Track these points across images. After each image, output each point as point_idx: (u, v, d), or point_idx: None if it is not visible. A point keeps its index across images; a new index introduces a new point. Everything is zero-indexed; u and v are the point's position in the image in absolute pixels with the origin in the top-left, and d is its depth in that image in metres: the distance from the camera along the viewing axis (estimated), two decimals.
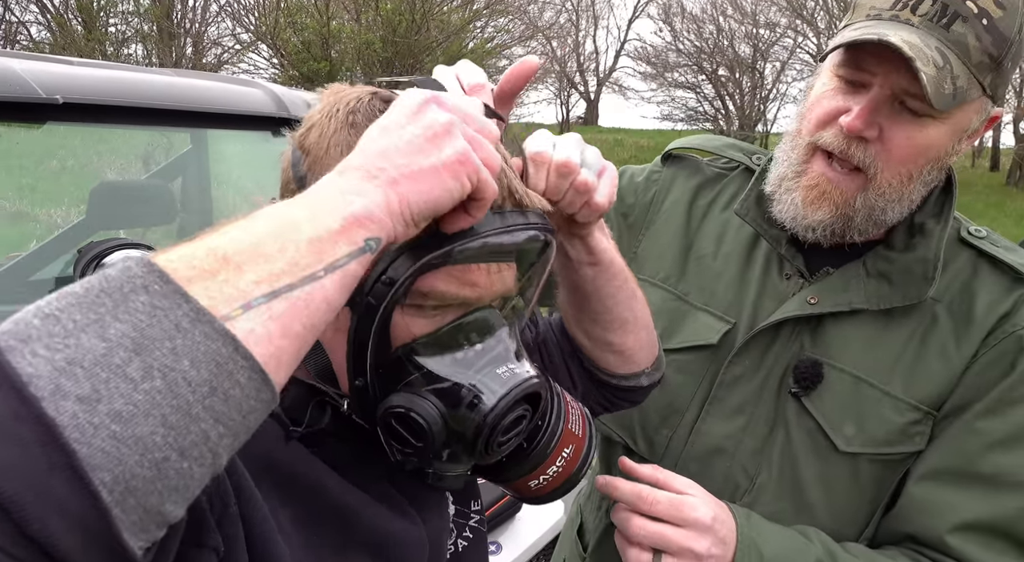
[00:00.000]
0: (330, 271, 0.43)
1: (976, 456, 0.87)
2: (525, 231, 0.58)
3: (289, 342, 0.41)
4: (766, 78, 21.13)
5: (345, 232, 0.44)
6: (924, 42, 0.80)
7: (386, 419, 0.56)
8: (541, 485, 0.72)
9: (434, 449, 0.56)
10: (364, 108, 0.58)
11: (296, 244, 0.42)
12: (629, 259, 1.12)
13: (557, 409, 0.72)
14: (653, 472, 0.88)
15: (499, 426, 0.56)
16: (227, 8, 15.98)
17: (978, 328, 0.90)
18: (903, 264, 0.92)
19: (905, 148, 0.86)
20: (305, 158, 0.58)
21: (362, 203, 0.46)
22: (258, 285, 0.40)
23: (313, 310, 0.42)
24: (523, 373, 0.58)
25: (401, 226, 0.48)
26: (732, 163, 1.12)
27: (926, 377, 0.91)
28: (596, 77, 29.61)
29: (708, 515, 0.84)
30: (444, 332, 0.58)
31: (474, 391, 0.56)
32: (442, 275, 0.56)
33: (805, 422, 0.94)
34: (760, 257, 1.02)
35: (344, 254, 0.44)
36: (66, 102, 1.47)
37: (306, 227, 0.43)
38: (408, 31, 13.06)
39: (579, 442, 0.74)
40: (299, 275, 0.42)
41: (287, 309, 0.41)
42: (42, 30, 16.11)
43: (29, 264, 2.18)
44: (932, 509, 0.88)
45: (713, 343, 1.00)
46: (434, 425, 0.55)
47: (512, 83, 0.71)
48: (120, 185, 2.53)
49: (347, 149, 0.55)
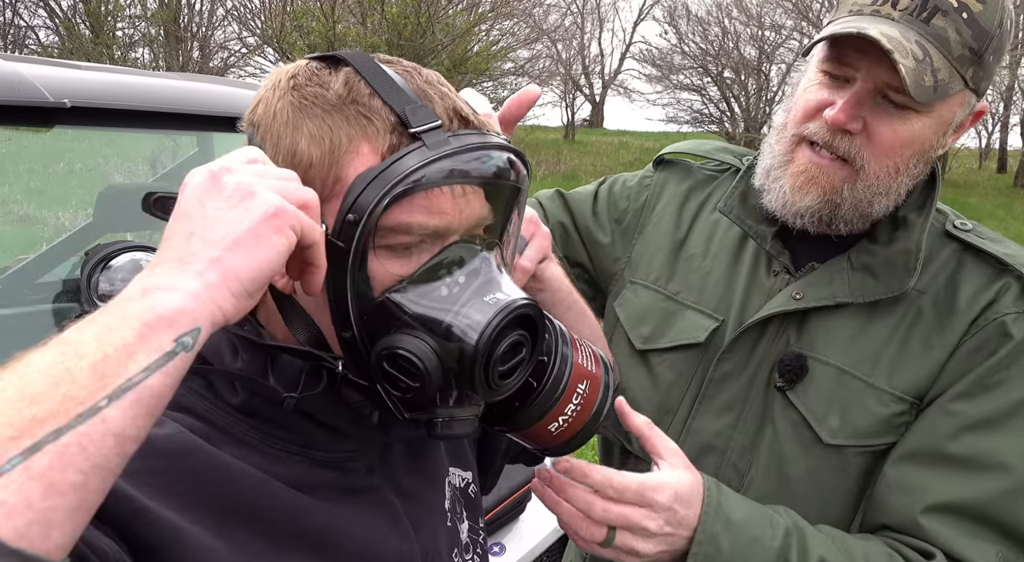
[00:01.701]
0: (117, 397, 0.39)
1: (950, 438, 0.88)
2: (481, 149, 0.57)
3: (60, 498, 0.36)
4: (772, 80, 21.09)
5: (144, 340, 0.41)
6: (904, 35, 0.82)
7: (379, 364, 0.55)
8: (561, 428, 0.69)
9: (433, 388, 0.55)
10: (303, 70, 0.59)
11: (73, 374, 0.38)
12: (623, 264, 1.14)
13: (562, 342, 0.69)
14: (642, 427, 0.87)
15: (495, 353, 0.55)
16: (233, 12, 16.06)
17: (961, 318, 0.91)
18: (886, 257, 0.94)
19: (889, 141, 0.87)
20: (256, 132, 0.59)
21: (169, 299, 0.43)
22: (14, 441, 0.36)
23: (93, 451, 0.38)
24: (510, 297, 0.57)
25: (231, 303, 0.45)
26: (723, 166, 1.14)
27: (910, 368, 0.92)
28: (601, 79, 29.62)
29: (667, 496, 0.82)
30: (423, 271, 0.57)
31: (463, 320, 0.55)
32: (406, 206, 0.54)
33: (790, 415, 0.96)
34: (748, 255, 1.04)
35: (141, 368, 0.40)
36: (74, 106, 1.49)
37: (91, 349, 0.40)
38: (413, 34, 13.10)
39: (594, 378, 0.70)
40: (72, 413, 0.37)
41: (52, 461, 0.36)
42: (50, 34, 16.23)
43: (37, 267, 2.21)
44: (905, 490, 0.89)
45: (701, 341, 1.02)
46: (427, 361, 0.54)
47: (514, 110, 0.76)
48: (127, 188, 2.55)
49: (293, 110, 0.57)
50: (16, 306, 2.02)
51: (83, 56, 13.48)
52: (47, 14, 15.90)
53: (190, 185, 0.49)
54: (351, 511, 0.63)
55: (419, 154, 0.54)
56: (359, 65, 0.58)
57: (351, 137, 0.56)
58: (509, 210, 0.63)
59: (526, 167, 0.62)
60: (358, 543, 0.62)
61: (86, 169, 4.79)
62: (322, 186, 0.56)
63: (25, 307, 2.00)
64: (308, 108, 0.57)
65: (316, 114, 0.57)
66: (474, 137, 0.58)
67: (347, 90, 0.57)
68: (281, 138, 0.57)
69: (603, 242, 1.16)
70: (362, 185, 0.54)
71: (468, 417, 0.59)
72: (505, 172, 0.60)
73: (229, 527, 0.55)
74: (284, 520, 0.58)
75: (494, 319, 0.55)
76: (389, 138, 0.56)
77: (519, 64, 18.23)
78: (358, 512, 0.63)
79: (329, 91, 0.57)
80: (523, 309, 0.57)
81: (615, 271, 1.15)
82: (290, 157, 0.57)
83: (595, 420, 0.71)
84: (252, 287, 0.46)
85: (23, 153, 3.61)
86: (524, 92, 0.76)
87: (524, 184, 0.63)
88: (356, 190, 0.54)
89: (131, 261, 1.63)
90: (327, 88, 0.57)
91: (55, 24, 15.80)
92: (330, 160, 0.56)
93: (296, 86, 0.58)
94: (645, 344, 1.07)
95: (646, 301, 1.08)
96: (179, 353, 0.42)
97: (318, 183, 0.56)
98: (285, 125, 0.57)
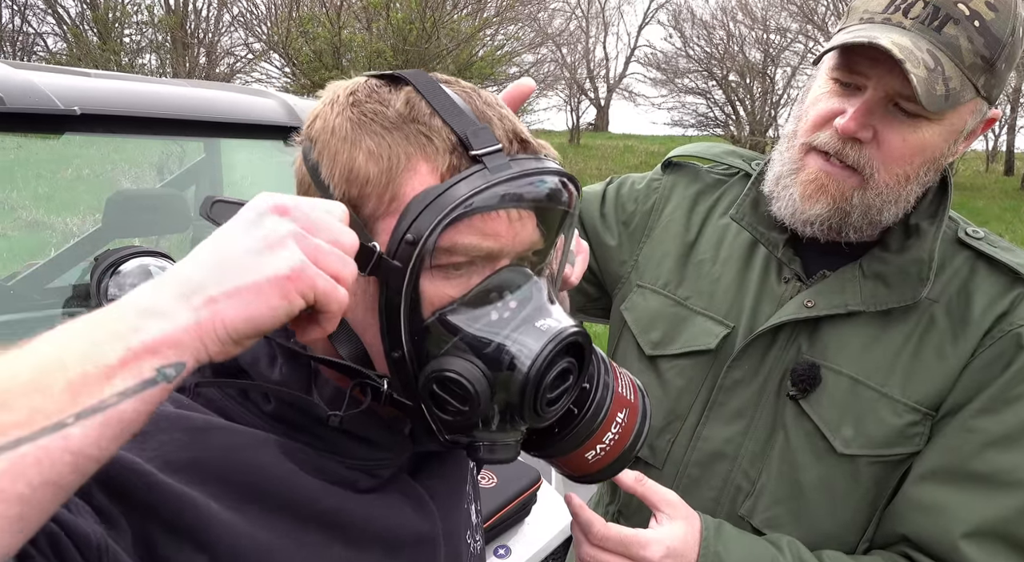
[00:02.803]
0: (84, 417, 0.39)
1: (973, 455, 0.88)
2: (540, 175, 0.57)
3: (5, 506, 0.37)
4: (777, 83, 21.08)
5: (125, 365, 0.41)
6: (915, 44, 0.81)
7: (429, 386, 0.55)
8: (599, 456, 0.69)
9: (481, 412, 0.54)
10: (362, 87, 0.59)
11: (49, 387, 0.39)
12: (630, 266, 1.14)
13: (604, 370, 0.69)
14: (633, 484, 0.88)
15: (544, 380, 0.55)
16: (240, 18, 16.14)
17: (975, 328, 0.91)
18: (898, 265, 0.93)
19: (900, 149, 0.87)
20: (314, 146, 0.59)
21: (159, 328, 0.43)
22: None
23: (47, 466, 0.38)
24: (561, 324, 0.57)
25: (216, 346, 0.45)
26: (731, 169, 1.13)
27: (924, 378, 0.92)
28: (606, 83, 29.63)
29: (658, 553, 0.83)
30: (475, 293, 0.57)
31: (515, 347, 0.55)
32: (463, 229, 0.55)
33: (804, 425, 0.95)
34: (759, 261, 1.03)
35: (116, 393, 0.41)
36: (84, 113, 1.51)
37: (72, 362, 0.40)
38: (419, 39, 13.13)
39: (632, 406, 0.70)
40: (36, 426, 0.38)
41: (5, 469, 0.37)
42: (58, 41, 16.35)
43: (46, 272, 2.22)
44: (937, 512, 0.88)
45: (712, 348, 1.01)
46: (478, 385, 0.54)
47: (508, 104, 0.74)
48: (135, 194, 2.57)
49: (352, 126, 0.56)
50: (27, 311, 2.03)
51: (91, 62, 13.56)
52: (55, 21, 16.02)
53: (251, 207, 0.49)
54: (368, 496, 0.63)
55: (480, 177, 0.54)
56: (420, 84, 0.58)
57: (410, 155, 0.56)
58: (560, 233, 0.63)
59: (578, 191, 0.62)
60: (374, 523, 0.62)
61: (94, 175, 4.82)
62: (378, 202, 0.56)
63: (35, 312, 2.01)
64: (367, 124, 0.57)
65: (375, 131, 0.56)
66: (532, 162, 0.58)
67: (408, 109, 0.57)
68: (339, 153, 0.57)
69: (610, 244, 1.16)
70: (421, 205, 0.53)
71: (511, 442, 0.58)
72: (559, 196, 0.60)
73: (245, 503, 0.56)
74: (299, 500, 0.58)
75: (546, 347, 0.55)
76: (449, 159, 0.56)
77: (524, 68, 18.25)
78: (378, 496, 0.64)
79: (390, 109, 0.57)
80: (574, 337, 0.57)
81: (621, 274, 1.15)
82: (347, 172, 0.56)
83: (632, 449, 0.70)
84: (236, 337, 0.45)
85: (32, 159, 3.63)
86: (518, 85, 0.74)
87: (576, 208, 0.63)
88: (415, 210, 0.54)
89: (139, 266, 1.64)
90: (388, 105, 0.57)
91: (63, 31, 15.92)
92: (387, 177, 0.55)
93: (355, 102, 0.58)
94: (655, 350, 1.06)
95: (655, 306, 1.08)
96: (159, 383, 0.42)
97: (374, 199, 0.56)
98: (343, 140, 0.57)
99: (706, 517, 0.90)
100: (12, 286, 2.15)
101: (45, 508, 0.40)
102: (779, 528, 0.95)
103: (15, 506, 0.38)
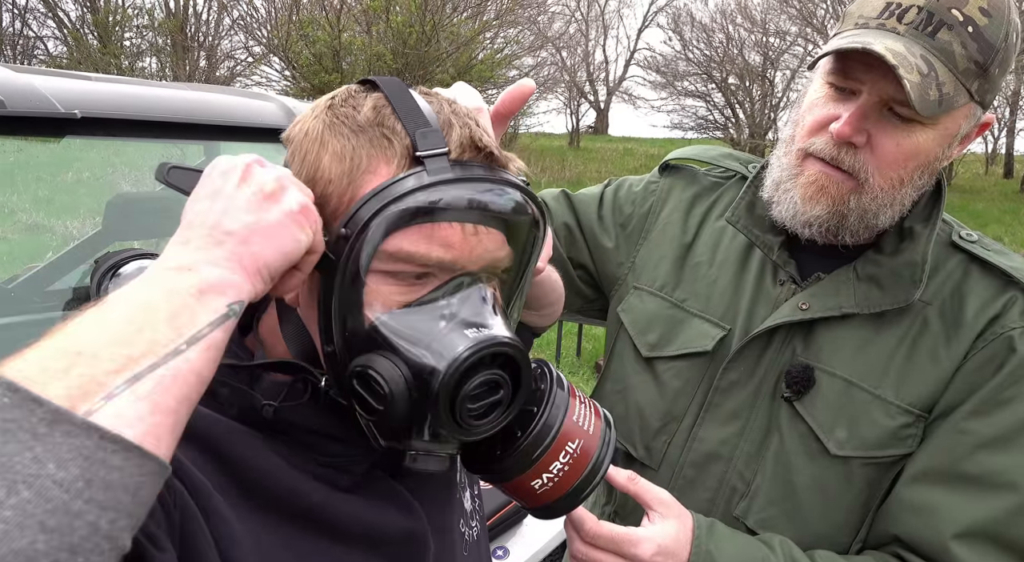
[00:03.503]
0: (193, 343, 0.45)
1: (964, 457, 0.89)
2: (485, 182, 0.57)
3: (163, 416, 0.42)
4: (776, 86, 21.09)
5: (203, 302, 0.46)
6: (909, 50, 0.82)
7: (350, 381, 0.55)
8: (547, 487, 0.65)
9: (397, 414, 0.53)
10: (342, 92, 0.62)
11: (153, 324, 0.44)
12: (627, 268, 1.15)
13: (554, 395, 0.66)
14: (626, 483, 0.88)
15: (463, 386, 0.53)
16: (240, 22, 16.17)
17: (968, 330, 0.91)
18: (892, 268, 0.94)
19: (894, 153, 0.88)
20: (289, 147, 0.62)
21: (217, 272, 0.48)
22: (118, 373, 0.41)
23: (182, 383, 0.44)
24: (491, 334, 0.55)
25: (260, 284, 0.50)
26: (728, 172, 1.14)
27: (917, 380, 0.92)
28: (606, 86, 29.69)
29: (649, 551, 0.83)
30: (419, 300, 0.56)
31: (437, 349, 0.54)
32: (412, 235, 0.55)
33: (798, 426, 0.96)
34: (754, 264, 1.04)
35: (206, 324, 0.46)
36: (84, 117, 1.51)
37: (162, 305, 0.45)
38: (418, 43, 13.15)
39: (589, 439, 0.66)
40: (161, 353, 0.43)
41: (154, 387, 0.42)
42: (59, 45, 16.37)
43: (46, 275, 2.22)
44: (928, 513, 0.89)
45: (708, 350, 1.02)
46: (393, 384, 0.53)
47: (508, 105, 0.74)
48: (135, 197, 2.57)
49: (324, 128, 0.59)
50: (27, 313, 2.04)
51: (91, 66, 13.58)
52: (56, 25, 16.04)
53: (219, 168, 0.54)
54: (352, 495, 0.63)
55: (415, 179, 0.55)
56: (390, 91, 0.60)
57: (371, 157, 0.57)
58: (525, 250, 0.62)
59: (536, 204, 0.61)
60: (361, 523, 0.63)
61: (94, 178, 4.82)
62: (338, 202, 0.57)
63: (35, 315, 2.02)
64: (337, 127, 0.59)
65: (343, 133, 0.58)
66: (481, 170, 0.57)
67: (375, 113, 0.58)
68: (308, 153, 0.59)
69: (607, 246, 1.16)
70: (359, 204, 0.55)
71: (442, 455, 0.56)
72: (515, 209, 0.58)
73: (238, 499, 0.56)
74: (285, 498, 0.59)
75: (467, 351, 0.53)
76: (404, 162, 0.57)
77: (524, 71, 18.27)
78: (359, 497, 0.64)
79: (360, 113, 0.59)
80: (503, 348, 0.55)
81: (619, 275, 1.15)
82: (312, 172, 0.58)
83: (587, 483, 0.66)
84: (275, 273, 0.51)
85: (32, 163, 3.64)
86: (517, 86, 0.74)
87: (541, 225, 0.62)
88: (353, 208, 0.56)
89: (139, 269, 1.64)
90: (358, 110, 0.59)
91: (63, 34, 15.93)
92: (348, 179, 0.57)
93: (332, 106, 0.60)
94: (651, 351, 1.07)
95: (652, 308, 1.09)
96: (231, 317, 0.48)
97: (335, 199, 0.57)
98: (314, 141, 0.59)
99: (698, 516, 0.91)
100: (12, 289, 2.15)
101: (183, 424, 0.45)
102: (773, 529, 0.96)
103: (170, 416, 0.43)
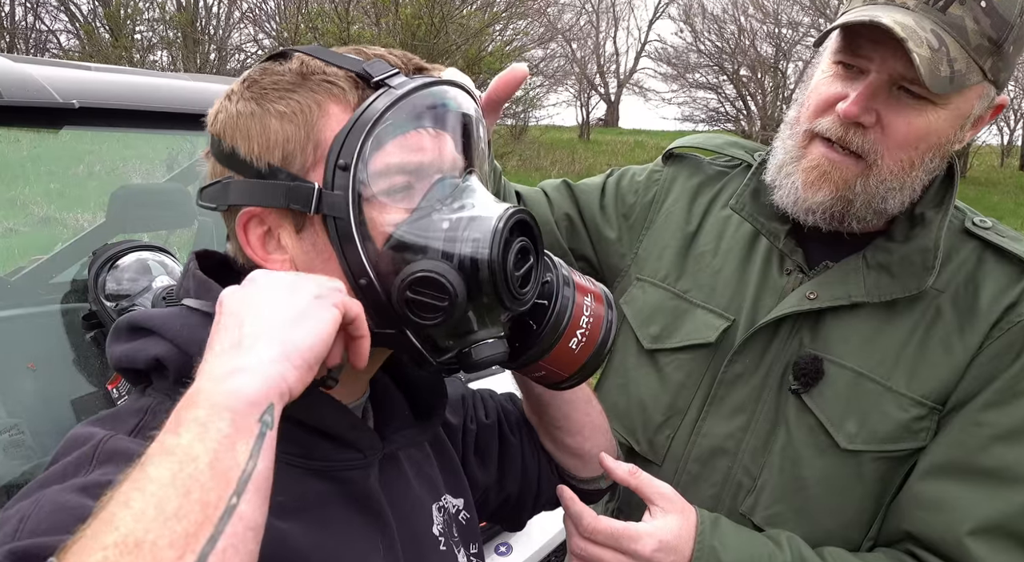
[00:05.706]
0: (242, 490, 0.42)
1: (979, 450, 0.86)
2: (441, 84, 0.61)
3: None
4: (788, 78, 20.88)
5: (237, 428, 0.44)
6: (919, 24, 0.79)
7: (403, 294, 0.57)
8: (582, 343, 0.70)
9: (460, 305, 0.56)
10: (253, 71, 0.63)
11: (197, 479, 0.41)
12: (630, 259, 1.12)
13: (554, 263, 0.72)
14: (627, 477, 0.86)
15: (508, 257, 0.58)
16: (249, 14, 16.18)
17: (983, 319, 0.88)
18: (903, 254, 0.91)
19: (904, 133, 0.85)
20: (224, 137, 0.61)
21: (243, 381, 0.45)
22: (180, 560, 0.39)
23: (241, 547, 0.41)
24: (502, 207, 0.60)
25: (294, 375, 0.48)
26: (733, 161, 1.11)
27: (930, 371, 0.89)
28: (616, 79, 29.50)
29: (649, 547, 0.81)
30: (419, 208, 0.59)
31: (470, 238, 0.57)
32: (390, 149, 0.58)
33: (806, 420, 0.93)
34: (760, 253, 1.01)
35: (247, 456, 0.43)
36: (83, 107, 1.50)
37: (200, 450, 0.42)
38: (427, 35, 13.11)
39: (594, 292, 0.73)
40: (214, 518, 0.40)
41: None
42: (71, 38, 16.45)
43: (51, 267, 2.23)
44: (942, 509, 0.86)
45: (712, 341, 0.99)
46: (451, 276, 0.56)
47: (500, 91, 0.73)
48: (139, 189, 2.57)
49: (255, 102, 0.59)
50: (31, 306, 2.04)
51: (102, 59, 13.63)
52: (68, 18, 16.12)
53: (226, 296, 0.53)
54: (336, 525, 0.61)
55: (387, 96, 0.58)
56: (307, 49, 0.61)
57: (320, 102, 0.58)
58: (476, 137, 0.65)
59: (475, 101, 0.66)
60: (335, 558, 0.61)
61: (105, 171, 4.83)
62: (303, 156, 0.58)
63: (39, 307, 2.02)
64: (269, 94, 0.59)
65: (279, 96, 0.59)
66: (431, 77, 0.61)
67: (303, 67, 0.60)
68: (251, 128, 0.60)
69: (610, 237, 1.14)
70: (343, 135, 0.57)
71: (496, 336, 0.60)
72: (466, 104, 0.63)
73: None
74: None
75: (497, 228, 0.57)
76: (356, 94, 0.59)
77: (534, 63, 18.20)
78: (344, 525, 0.62)
79: (286, 75, 0.60)
80: (518, 215, 0.60)
81: (621, 267, 1.13)
82: (265, 141, 0.59)
83: (607, 333, 0.72)
84: (311, 357, 0.49)
85: (43, 156, 3.64)
86: (509, 71, 0.73)
87: (480, 113, 0.66)
88: (339, 142, 0.57)
89: (137, 260, 1.64)
90: (283, 74, 0.60)
91: (75, 28, 16.01)
92: (305, 130, 0.58)
93: (251, 85, 0.61)
94: (654, 343, 1.05)
95: (654, 299, 1.06)
96: (266, 433, 0.45)
97: (299, 154, 0.58)
98: (251, 117, 0.59)
99: (702, 511, 0.88)
100: (18, 281, 2.16)
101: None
102: (781, 525, 0.93)
103: None
